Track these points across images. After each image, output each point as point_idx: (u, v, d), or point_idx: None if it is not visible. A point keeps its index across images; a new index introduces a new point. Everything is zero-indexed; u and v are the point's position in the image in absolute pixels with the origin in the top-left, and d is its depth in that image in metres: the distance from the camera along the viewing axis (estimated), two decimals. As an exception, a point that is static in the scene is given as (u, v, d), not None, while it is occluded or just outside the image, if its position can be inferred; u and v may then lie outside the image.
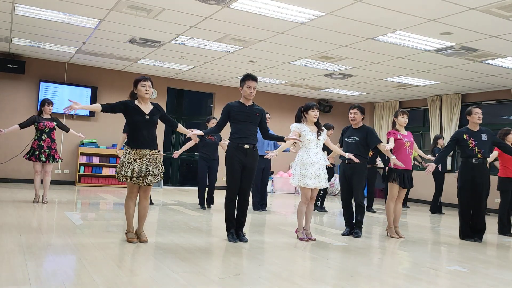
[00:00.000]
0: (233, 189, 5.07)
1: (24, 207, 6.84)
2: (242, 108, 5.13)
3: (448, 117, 12.26)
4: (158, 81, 12.47)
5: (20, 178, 10.96)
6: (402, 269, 4.39)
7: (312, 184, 5.36)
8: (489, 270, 4.44)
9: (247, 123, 5.09)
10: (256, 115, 5.14)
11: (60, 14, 7.41)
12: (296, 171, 5.46)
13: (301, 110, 5.64)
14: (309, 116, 5.55)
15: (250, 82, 5.10)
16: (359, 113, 6.00)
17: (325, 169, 5.52)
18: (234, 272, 3.78)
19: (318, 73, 10.76)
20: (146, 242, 4.67)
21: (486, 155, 6.14)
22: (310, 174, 5.35)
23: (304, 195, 5.48)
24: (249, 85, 5.09)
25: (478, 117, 6.15)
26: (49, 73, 11.30)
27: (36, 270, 3.46)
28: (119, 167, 4.62)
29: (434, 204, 10.01)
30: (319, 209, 8.84)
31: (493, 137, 6.27)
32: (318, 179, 5.38)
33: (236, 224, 5.14)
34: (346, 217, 6.08)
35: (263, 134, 5.31)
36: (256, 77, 5.17)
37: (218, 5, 6.44)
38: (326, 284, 3.57)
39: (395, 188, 5.97)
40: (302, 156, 5.47)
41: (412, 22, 6.65)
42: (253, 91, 5.10)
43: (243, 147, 5.03)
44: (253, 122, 5.13)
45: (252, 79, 5.12)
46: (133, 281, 3.34)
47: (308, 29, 7.32)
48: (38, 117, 7.40)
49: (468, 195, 6.13)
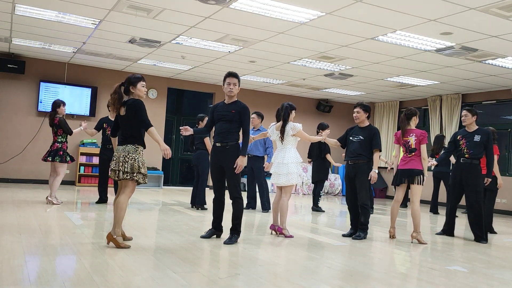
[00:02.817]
0: (213, 187, 5.17)
1: (24, 207, 6.84)
2: (221, 107, 5.07)
3: (448, 117, 12.26)
4: (158, 81, 12.48)
5: (20, 178, 10.96)
6: (402, 269, 4.39)
7: (272, 181, 5.70)
8: (489, 270, 4.44)
9: (221, 122, 5.00)
10: (231, 112, 4.95)
11: (60, 14, 7.41)
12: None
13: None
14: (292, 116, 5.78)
15: (230, 78, 4.98)
16: (362, 111, 5.90)
17: (288, 166, 5.54)
18: (234, 272, 3.77)
19: (318, 73, 10.76)
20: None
21: (475, 155, 6.13)
22: (272, 171, 5.69)
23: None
24: (228, 82, 4.98)
25: (462, 119, 6.33)
26: (49, 73, 11.30)
27: (36, 270, 3.46)
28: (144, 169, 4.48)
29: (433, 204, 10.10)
30: (315, 209, 8.89)
31: (486, 138, 6.17)
32: (277, 176, 5.62)
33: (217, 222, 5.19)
34: (350, 218, 6.03)
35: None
36: (236, 74, 5.03)
37: (218, 5, 6.44)
38: (326, 284, 3.57)
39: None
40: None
41: (412, 22, 6.65)
42: (233, 87, 4.96)
43: (215, 145, 5.03)
44: (227, 120, 4.96)
45: (232, 76, 5.00)
46: (133, 281, 3.34)
47: (308, 29, 7.32)
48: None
49: (456, 194, 6.33)
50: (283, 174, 5.54)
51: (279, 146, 5.71)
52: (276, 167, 5.61)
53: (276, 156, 5.68)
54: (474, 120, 6.27)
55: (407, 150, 5.81)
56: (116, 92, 4.51)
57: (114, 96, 4.51)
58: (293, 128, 5.58)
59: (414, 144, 5.74)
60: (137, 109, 4.46)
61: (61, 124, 7.29)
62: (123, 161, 4.40)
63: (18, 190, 9.22)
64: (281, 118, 5.68)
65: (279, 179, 5.58)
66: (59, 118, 7.31)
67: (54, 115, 7.33)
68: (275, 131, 5.74)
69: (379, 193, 14.04)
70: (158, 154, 12.48)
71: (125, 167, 4.38)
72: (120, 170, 4.39)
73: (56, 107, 7.37)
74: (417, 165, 5.71)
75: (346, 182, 5.98)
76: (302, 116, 14.08)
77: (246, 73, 11.31)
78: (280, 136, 5.64)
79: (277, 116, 5.77)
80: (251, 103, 13.57)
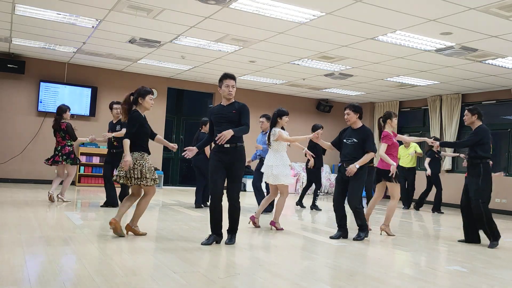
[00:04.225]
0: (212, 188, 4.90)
1: (24, 207, 6.84)
2: (220, 110, 4.95)
3: (448, 117, 12.25)
4: (158, 81, 12.48)
5: (20, 178, 10.95)
6: (402, 269, 4.39)
7: (263, 179, 6.24)
8: (489, 270, 4.44)
9: (223, 124, 4.85)
10: (232, 113, 4.86)
11: (60, 14, 7.41)
12: None
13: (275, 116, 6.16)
14: (282, 121, 6.13)
15: (228, 80, 4.90)
16: (351, 112, 5.71)
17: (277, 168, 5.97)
18: (234, 272, 3.78)
19: (318, 73, 10.76)
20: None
21: (472, 155, 5.98)
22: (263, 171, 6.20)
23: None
24: (227, 84, 4.89)
25: (464, 119, 6.22)
26: (49, 73, 11.29)
27: (36, 270, 3.47)
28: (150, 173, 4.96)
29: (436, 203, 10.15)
30: (312, 207, 9.02)
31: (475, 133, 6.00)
32: (266, 176, 6.13)
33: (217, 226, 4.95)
34: (337, 220, 5.78)
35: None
36: (233, 76, 4.95)
37: (218, 5, 6.44)
38: (326, 284, 3.57)
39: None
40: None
41: (412, 22, 6.65)
42: (232, 90, 4.89)
43: (222, 146, 4.79)
44: (230, 121, 4.84)
45: (230, 78, 4.92)
46: (133, 281, 3.34)
47: (308, 29, 7.32)
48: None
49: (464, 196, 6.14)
50: (271, 175, 6.01)
51: (270, 149, 6.15)
52: (265, 168, 6.11)
53: (267, 158, 6.16)
54: (474, 119, 6.01)
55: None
56: (126, 103, 4.96)
57: (124, 107, 5.01)
58: (273, 134, 6.04)
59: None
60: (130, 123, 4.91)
61: (68, 130, 7.57)
62: (132, 168, 4.84)
63: (18, 190, 9.22)
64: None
65: (268, 179, 6.10)
66: (66, 123, 7.59)
67: (60, 120, 7.59)
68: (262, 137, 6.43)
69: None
70: (158, 154, 12.49)
71: (135, 173, 4.84)
72: (132, 177, 4.84)
73: (62, 112, 7.62)
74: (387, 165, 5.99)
75: (337, 184, 5.76)
76: (302, 116, 14.11)
77: (246, 73, 11.31)
78: (267, 141, 6.15)
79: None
80: (251, 103, 13.54)
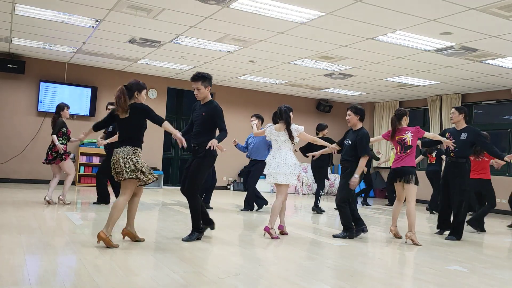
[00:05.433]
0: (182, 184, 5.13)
1: (24, 207, 6.84)
2: (197, 109, 5.12)
3: (448, 117, 12.21)
4: (158, 81, 12.48)
5: (20, 178, 10.95)
6: (402, 269, 4.39)
7: (269, 180, 5.66)
8: (489, 270, 4.44)
9: (195, 124, 5.05)
10: (202, 115, 4.95)
11: (60, 14, 7.41)
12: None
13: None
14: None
15: (193, 83, 4.99)
16: (352, 114, 5.84)
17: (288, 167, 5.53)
18: (234, 272, 3.78)
19: (318, 73, 10.76)
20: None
21: (460, 154, 6.06)
22: (270, 171, 5.62)
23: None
24: (193, 87, 5.01)
25: (450, 117, 6.30)
26: (49, 73, 11.29)
27: (36, 270, 3.46)
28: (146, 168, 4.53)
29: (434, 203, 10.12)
30: (314, 209, 8.85)
31: (475, 136, 6.10)
32: (274, 175, 5.59)
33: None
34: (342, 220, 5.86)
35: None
36: (196, 77, 4.94)
37: (218, 5, 6.44)
38: (326, 284, 3.57)
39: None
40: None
41: (412, 22, 6.65)
42: (197, 92, 4.96)
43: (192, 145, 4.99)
44: (199, 123, 4.96)
45: (193, 79, 4.98)
46: (133, 281, 3.34)
47: (308, 29, 7.32)
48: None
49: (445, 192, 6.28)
50: (282, 173, 5.52)
51: (277, 147, 5.68)
52: (276, 166, 5.56)
53: (275, 156, 5.64)
54: (461, 118, 6.17)
55: (402, 148, 5.75)
56: (124, 93, 4.52)
57: (124, 97, 4.52)
58: (297, 130, 5.63)
59: (410, 141, 5.71)
60: (149, 111, 4.58)
61: (55, 123, 7.23)
62: (123, 162, 4.41)
63: (18, 190, 9.22)
64: (278, 121, 5.67)
65: (278, 178, 5.54)
66: (58, 119, 7.31)
67: (57, 118, 7.37)
68: (274, 132, 5.68)
69: (379, 193, 14.04)
70: (158, 154, 12.49)
71: (127, 166, 4.41)
72: (123, 170, 4.40)
73: (60, 110, 7.42)
74: (411, 163, 5.69)
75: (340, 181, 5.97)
76: (302, 116, 14.08)
77: (246, 73, 11.31)
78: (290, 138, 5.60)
79: (274, 118, 5.80)
80: (251, 103, 13.64)
